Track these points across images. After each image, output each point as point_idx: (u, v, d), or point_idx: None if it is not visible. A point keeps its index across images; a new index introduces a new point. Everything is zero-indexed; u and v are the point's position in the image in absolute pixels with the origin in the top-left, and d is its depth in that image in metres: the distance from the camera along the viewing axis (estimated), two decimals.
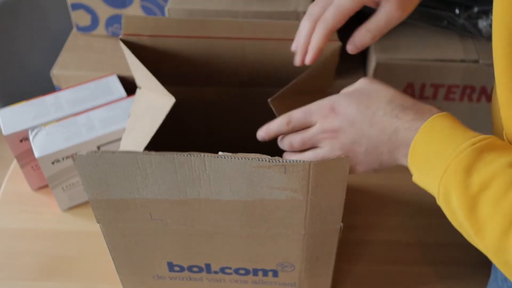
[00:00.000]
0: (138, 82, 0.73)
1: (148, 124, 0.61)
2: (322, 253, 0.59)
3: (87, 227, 0.79)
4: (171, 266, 0.62)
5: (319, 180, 0.49)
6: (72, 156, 0.48)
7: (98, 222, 0.56)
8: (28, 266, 0.74)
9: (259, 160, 0.48)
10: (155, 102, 0.65)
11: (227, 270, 0.62)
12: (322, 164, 0.48)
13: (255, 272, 0.62)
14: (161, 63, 0.72)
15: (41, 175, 0.82)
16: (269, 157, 0.48)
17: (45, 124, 0.76)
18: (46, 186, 0.84)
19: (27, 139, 0.76)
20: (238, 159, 0.48)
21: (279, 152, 0.59)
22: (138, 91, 0.71)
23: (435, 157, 0.46)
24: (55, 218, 0.80)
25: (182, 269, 0.62)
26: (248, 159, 0.48)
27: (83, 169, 0.50)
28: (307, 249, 0.58)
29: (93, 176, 0.50)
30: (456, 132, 0.47)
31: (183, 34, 0.70)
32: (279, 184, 0.50)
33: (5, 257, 0.75)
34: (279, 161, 0.47)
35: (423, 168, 0.48)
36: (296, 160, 0.48)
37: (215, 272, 0.62)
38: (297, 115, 0.56)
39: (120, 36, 0.70)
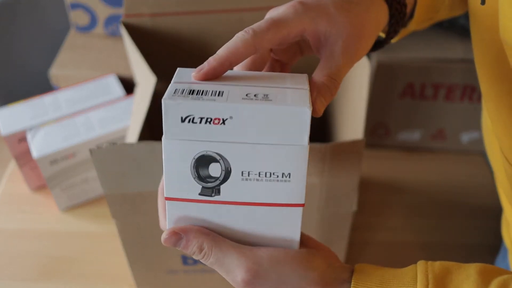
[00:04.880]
0: (135, 74, 0.72)
1: (140, 111, 0.62)
2: (335, 237, 0.59)
3: (86, 228, 0.78)
4: (184, 259, 0.62)
5: (335, 162, 0.50)
6: (90, 150, 0.48)
7: (113, 218, 0.56)
8: (28, 266, 0.74)
9: None
10: (145, 89, 0.65)
11: None
12: (337, 147, 0.48)
13: None
14: (161, 46, 0.72)
15: (39, 175, 0.81)
16: None
17: (44, 124, 0.75)
18: (44, 186, 0.84)
19: (25, 139, 0.76)
20: None
21: None
22: (136, 89, 0.71)
23: None
24: (54, 218, 0.80)
25: (195, 261, 0.62)
26: None
27: (100, 163, 0.49)
28: (320, 234, 0.58)
29: (110, 169, 0.50)
30: (391, 273, 0.40)
31: (182, 10, 0.70)
32: None
33: (4, 257, 0.75)
34: None
35: None
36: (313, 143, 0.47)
37: None
38: (192, 249, 0.40)
39: (121, 19, 0.69)
